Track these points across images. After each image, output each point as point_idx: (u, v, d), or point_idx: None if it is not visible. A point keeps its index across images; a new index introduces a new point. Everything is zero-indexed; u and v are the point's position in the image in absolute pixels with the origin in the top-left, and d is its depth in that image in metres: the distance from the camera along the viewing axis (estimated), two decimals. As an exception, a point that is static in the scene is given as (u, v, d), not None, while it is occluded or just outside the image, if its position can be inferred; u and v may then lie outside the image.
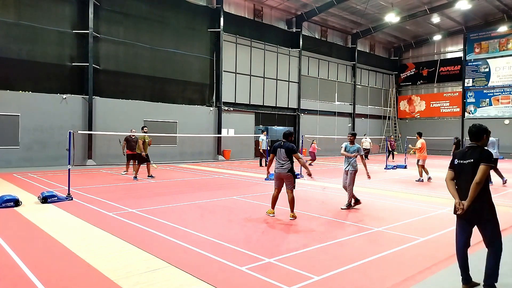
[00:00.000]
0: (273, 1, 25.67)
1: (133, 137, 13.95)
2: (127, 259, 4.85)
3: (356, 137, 9.05)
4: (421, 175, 13.93)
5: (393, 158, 24.20)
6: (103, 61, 19.00)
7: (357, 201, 8.59)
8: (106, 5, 18.95)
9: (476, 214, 3.98)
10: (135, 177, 13.00)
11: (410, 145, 15.58)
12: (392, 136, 25.69)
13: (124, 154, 14.34)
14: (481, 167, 3.91)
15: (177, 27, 21.61)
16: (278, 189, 7.58)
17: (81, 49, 18.20)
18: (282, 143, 7.50)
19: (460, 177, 4.15)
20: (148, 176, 13.43)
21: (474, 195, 3.90)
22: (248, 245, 5.55)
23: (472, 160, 4.03)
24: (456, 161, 4.22)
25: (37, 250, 5.24)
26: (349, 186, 8.43)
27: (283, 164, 7.40)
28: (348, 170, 8.51)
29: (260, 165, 19.19)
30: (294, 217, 7.29)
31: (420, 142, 14.09)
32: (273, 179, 7.72)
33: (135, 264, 4.67)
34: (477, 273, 4.19)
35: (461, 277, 4.20)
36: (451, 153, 8.06)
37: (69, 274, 4.39)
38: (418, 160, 13.98)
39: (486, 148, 4.17)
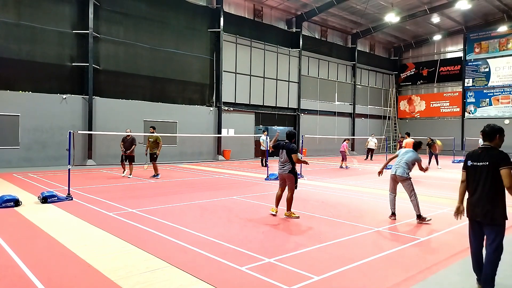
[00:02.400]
0: (273, 1, 25.66)
1: (128, 138, 13.68)
2: (127, 259, 4.85)
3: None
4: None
5: None
6: (103, 61, 19.00)
7: (420, 217, 7.16)
8: (106, 5, 18.94)
9: (488, 216, 3.89)
10: (156, 175, 13.62)
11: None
12: (402, 137, 24.69)
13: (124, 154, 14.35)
14: (504, 172, 3.77)
15: (177, 27, 21.61)
16: (282, 189, 7.62)
17: (81, 49, 18.20)
18: (285, 143, 7.52)
19: (474, 180, 4.01)
20: (153, 175, 13.76)
21: None
22: (248, 245, 5.54)
23: (487, 163, 3.89)
24: (469, 163, 4.08)
25: (37, 250, 5.24)
26: (410, 198, 7.24)
27: (284, 164, 7.46)
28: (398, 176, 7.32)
29: (262, 165, 19.12)
30: (288, 215, 7.35)
31: (405, 142, 15.47)
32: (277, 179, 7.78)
33: (135, 264, 4.67)
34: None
35: (476, 278, 4.15)
36: (428, 154, 8.01)
37: (69, 274, 4.38)
38: None
39: (500, 149, 4.01)
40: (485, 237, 4.03)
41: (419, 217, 7.13)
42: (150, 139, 13.63)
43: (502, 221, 3.88)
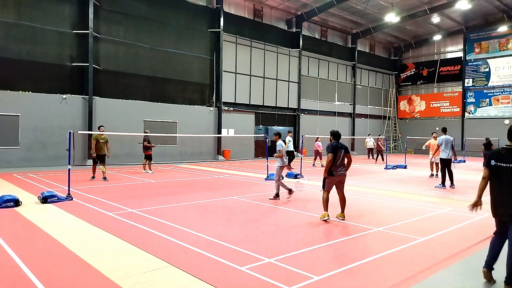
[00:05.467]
0: (273, 1, 25.67)
1: (148, 137, 15.09)
2: (127, 259, 4.85)
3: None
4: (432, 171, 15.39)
5: (382, 160, 21.84)
6: (103, 61, 19.00)
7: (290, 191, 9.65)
8: (106, 5, 18.94)
9: None
10: (104, 178, 12.59)
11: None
12: (380, 137, 23.76)
13: (145, 152, 15.25)
14: None
15: (177, 27, 21.61)
16: (329, 192, 7.33)
17: (81, 49, 18.20)
18: (339, 144, 7.31)
19: (498, 180, 4.07)
20: (95, 177, 12.71)
21: None
22: (248, 245, 5.54)
23: (511, 165, 3.96)
24: (493, 162, 4.12)
25: (37, 250, 5.24)
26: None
27: (342, 166, 7.26)
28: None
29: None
30: (343, 217, 7.24)
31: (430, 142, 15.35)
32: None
33: (135, 264, 4.67)
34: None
35: (485, 262, 4.24)
36: (482, 154, 7.93)
37: (69, 274, 4.38)
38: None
39: None
40: (509, 235, 4.07)
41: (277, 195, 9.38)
42: (101, 140, 12.50)
43: None
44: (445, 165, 11.95)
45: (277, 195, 9.44)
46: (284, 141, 10.52)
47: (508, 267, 4.00)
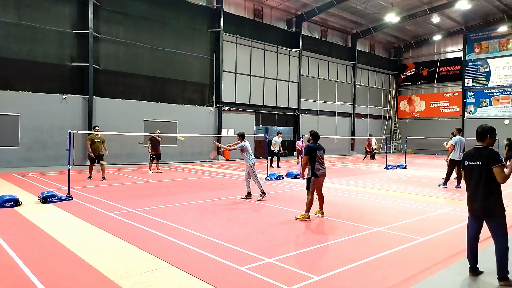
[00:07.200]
0: (273, 1, 25.67)
1: (157, 138, 15.15)
2: (127, 259, 4.85)
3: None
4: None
5: (371, 158, 23.60)
6: (103, 61, 19.00)
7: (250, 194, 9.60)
8: (106, 5, 18.94)
9: (487, 210, 4.25)
10: (103, 178, 12.62)
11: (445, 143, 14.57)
12: (371, 136, 24.51)
13: (149, 152, 15.37)
14: (496, 170, 4.14)
15: (177, 27, 21.61)
16: (313, 192, 7.60)
17: (81, 49, 18.20)
18: (318, 144, 7.57)
19: (471, 178, 4.36)
20: (91, 177, 12.80)
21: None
22: (248, 245, 5.54)
23: (480, 163, 4.26)
24: (466, 163, 4.44)
25: (37, 250, 5.24)
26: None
27: (324, 165, 7.58)
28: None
29: (271, 166, 18.44)
30: (323, 213, 7.70)
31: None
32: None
33: (135, 264, 4.67)
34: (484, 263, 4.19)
35: (468, 266, 4.50)
36: (505, 156, 7.72)
37: (69, 274, 4.38)
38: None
39: (491, 148, 4.40)
40: (490, 230, 4.33)
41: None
42: (96, 140, 12.58)
43: (501, 212, 4.24)
44: (455, 166, 11.70)
45: (263, 193, 9.42)
46: (270, 141, 10.31)
47: (497, 258, 4.20)
